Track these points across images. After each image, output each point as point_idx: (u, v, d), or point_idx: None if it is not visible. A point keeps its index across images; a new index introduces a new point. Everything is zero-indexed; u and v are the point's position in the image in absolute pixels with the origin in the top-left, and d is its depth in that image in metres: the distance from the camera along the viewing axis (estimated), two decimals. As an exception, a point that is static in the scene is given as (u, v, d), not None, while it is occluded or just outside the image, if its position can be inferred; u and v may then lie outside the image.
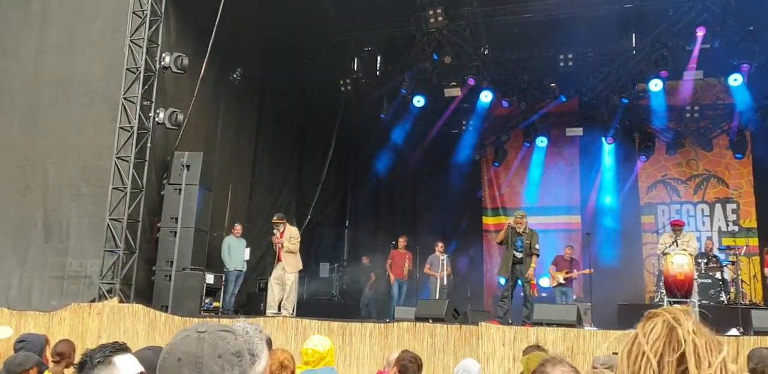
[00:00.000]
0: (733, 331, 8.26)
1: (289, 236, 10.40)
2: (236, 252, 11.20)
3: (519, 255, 9.85)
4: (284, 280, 10.14)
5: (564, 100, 14.03)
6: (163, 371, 1.35)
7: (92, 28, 11.08)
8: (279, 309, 10.00)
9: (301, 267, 10.56)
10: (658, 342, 1.42)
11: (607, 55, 13.02)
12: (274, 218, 10.59)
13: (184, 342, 1.37)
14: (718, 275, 10.93)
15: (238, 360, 1.36)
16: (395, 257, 12.72)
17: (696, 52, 12.01)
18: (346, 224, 16.16)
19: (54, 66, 11.17)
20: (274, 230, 10.53)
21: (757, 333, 7.77)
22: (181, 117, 10.80)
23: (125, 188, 10.08)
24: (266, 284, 10.86)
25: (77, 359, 2.21)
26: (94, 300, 9.53)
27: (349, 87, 14.42)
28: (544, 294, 12.58)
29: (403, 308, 10.32)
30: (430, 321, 8.85)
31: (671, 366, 1.39)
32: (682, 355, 1.39)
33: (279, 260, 10.41)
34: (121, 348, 2.13)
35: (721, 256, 11.57)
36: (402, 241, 12.79)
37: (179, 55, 10.78)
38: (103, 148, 10.45)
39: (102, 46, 10.96)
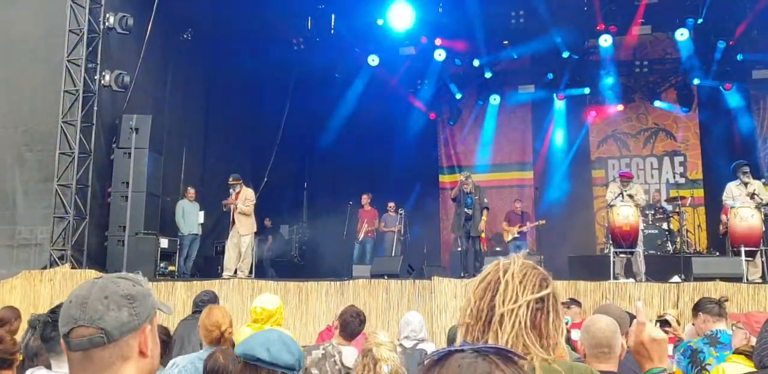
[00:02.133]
0: (675, 278, 8.62)
1: (244, 197, 10.36)
2: (190, 216, 11.16)
3: (469, 212, 10.04)
4: (239, 243, 10.16)
5: (516, 57, 14.08)
6: (61, 314, 1.41)
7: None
8: (235, 272, 10.05)
9: (255, 229, 10.57)
10: (483, 282, 1.67)
11: (557, 12, 13.04)
12: (230, 179, 10.53)
13: (79, 287, 1.44)
14: (664, 225, 11.29)
15: (128, 302, 1.39)
16: (365, 216, 12.69)
17: (642, 7, 12.10)
18: (305, 185, 16.15)
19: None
20: (230, 191, 10.49)
21: (697, 279, 8.13)
22: (128, 79, 10.57)
23: (73, 152, 9.91)
24: (223, 247, 10.88)
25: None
26: (45, 267, 9.45)
27: (302, 46, 14.21)
28: (498, 248, 12.87)
29: (360, 266, 10.49)
30: (386, 277, 9.03)
31: (485, 301, 1.63)
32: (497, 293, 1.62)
33: (233, 222, 10.41)
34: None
35: (668, 207, 11.93)
36: (366, 198, 12.74)
37: (124, 16, 10.49)
38: (44, 111, 10.20)
39: (40, 6, 10.57)
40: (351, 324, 4.40)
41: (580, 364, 2.11)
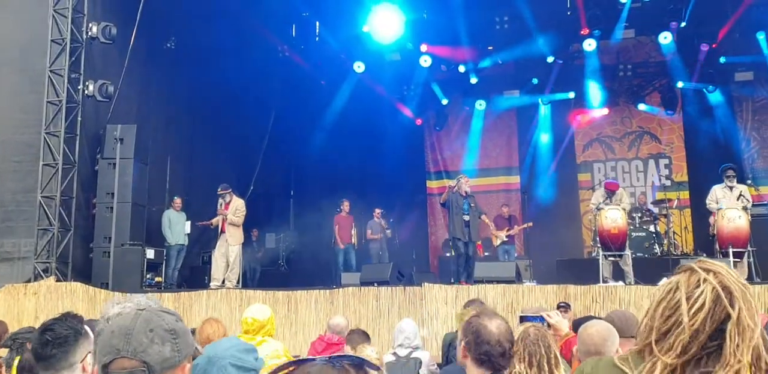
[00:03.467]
0: (663, 280, 8.61)
1: (234, 207, 10.34)
2: (177, 226, 11.06)
3: (467, 218, 10.03)
4: (228, 253, 10.10)
5: (501, 62, 14.12)
6: (101, 343, 1.39)
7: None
8: (223, 282, 9.98)
9: (242, 240, 10.53)
10: (701, 313, 1.39)
11: (541, 17, 13.10)
12: (219, 189, 10.50)
13: (122, 317, 1.42)
14: (651, 228, 11.34)
15: (171, 337, 1.38)
16: (341, 222, 12.72)
17: (626, 12, 12.21)
18: (291, 193, 16.08)
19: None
20: (220, 201, 10.45)
21: (686, 281, 8.14)
22: (111, 89, 10.50)
23: (56, 164, 9.80)
24: (210, 257, 10.81)
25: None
26: (29, 280, 9.32)
27: (287, 53, 14.18)
28: (487, 253, 12.87)
29: (349, 273, 10.43)
30: (375, 284, 8.99)
31: (699, 343, 1.38)
32: (721, 330, 1.37)
33: (222, 231, 10.36)
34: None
35: (654, 210, 11.98)
36: (345, 205, 12.78)
37: (107, 25, 10.42)
38: (23, 122, 10.08)
39: (21, 16, 10.46)
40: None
41: None
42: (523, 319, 3.45)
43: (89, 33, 10.35)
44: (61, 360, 2.25)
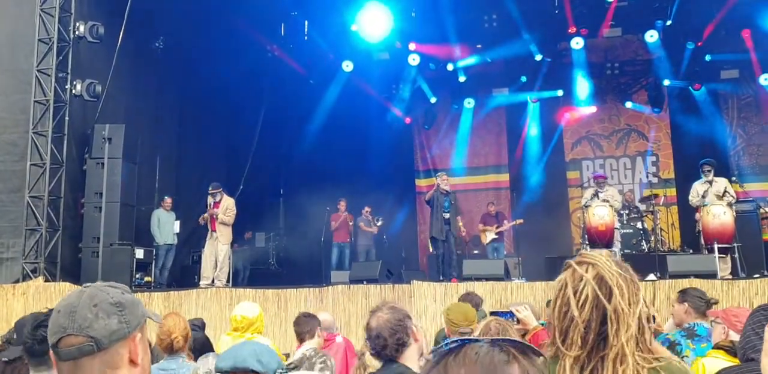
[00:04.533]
0: (651, 276, 8.71)
1: (225, 207, 10.37)
2: (166, 226, 11.05)
3: (447, 216, 10.10)
4: (217, 252, 10.12)
5: (489, 60, 14.17)
6: (50, 323, 1.40)
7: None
8: (213, 281, 9.99)
9: (231, 239, 10.56)
10: (587, 305, 1.52)
11: (529, 15, 13.16)
12: (210, 188, 10.53)
13: (67, 296, 1.43)
14: (639, 225, 11.42)
15: (117, 310, 1.38)
16: (338, 221, 12.72)
17: (612, 10, 12.29)
18: (281, 192, 16.07)
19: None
20: (209, 200, 10.47)
21: (672, 276, 8.24)
22: (99, 88, 10.47)
23: (44, 163, 9.76)
24: (200, 256, 10.81)
25: None
26: (18, 281, 9.28)
27: (276, 52, 14.17)
28: (476, 251, 12.92)
29: (338, 272, 10.47)
30: (365, 282, 9.02)
31: (594, 331, 1.52)
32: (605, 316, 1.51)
33: (213, 230, 10.37)
34: None
35: (642, 207, 12.07)
36: (342, 204, 12.83)
37: (94, 24, 10.39)
38: (10, 121, 10.02)
39: (7, 15, 10.40)
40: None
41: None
42: (493, 314, 3.54)
43: (76, 32, 10.31)
44: None
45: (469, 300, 5.71)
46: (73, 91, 10.23)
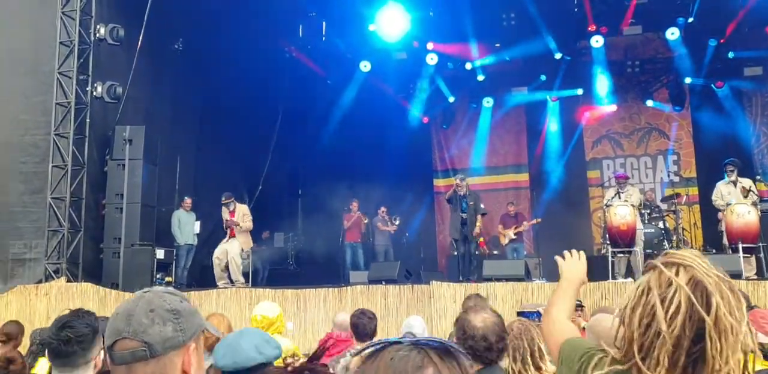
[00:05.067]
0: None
1: (241, 214, 10.48)
2: (186, 226, 11.12)
3: (465, 216, 10.06)
4: (230, 253, 10.21)
5: (508, 59, 14.09)
6: (107, 326, 1.41)
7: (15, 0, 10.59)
8: (231, 281, 10.07)
9: (251, 244, 10.77)
10: (678, 317, 1.26)
11: (548, 13, 13.06)
12: (223, 198, 10.62)
13: (126, 301, 1.44)
14: (660, 224, 11.28)
15: (173, 317, 1.38)
16: (350, 221, 12.76)
17: (632, 7, 12.15)
18: (299, 192, 16.11)
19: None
20: (224, 210, 10.54)
21: (695, 276, 8.10)
22: (120, 90, 10.57)
23: (66, 165, 9.86)
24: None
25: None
26: (40, 281, 9.38)
27: (294, 53, 14.19)
28: (495, 252, 12.85)
29: (357, 272, 10.45)
30: (383, 282, 9.00)
31: (685, 350, 1.26)
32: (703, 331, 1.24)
33: (233, 236, 10.48)
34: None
35: (663, 206, 11.92)
36: (354, 205, 12.85)
37: (115, 27, 10.49)
38: (32, 123, 10.14)
39: (29, 18, 10.52)
40: (360, 324, 4.39)
41: None
42: (519, 315, 3.47)
43: (97, 35, 10.42)
44: (80, 356, 2.28)
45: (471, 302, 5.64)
46: (94, 94, 10.33)
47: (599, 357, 1.44)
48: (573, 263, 2.06)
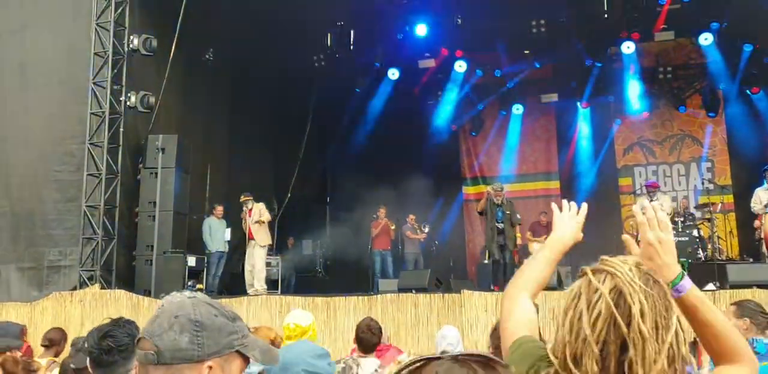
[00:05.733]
0: (710, 286, 8.43)
1: (258, 210, 10.77)
2: (217, 233, 11.22)
3: (500, 226, 9.99)
4: (254, 258, 10.31)
5: (538, 66, 14.00)
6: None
7: (50, 11, 10.81)
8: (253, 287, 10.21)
9: (270, 241, 10.87)
10: (599, 322, 1.27)
11: (578, 20, 12.97)
12: (242, 197, 10.95)
13: (168, 301, 1.39)
14: (695, 232, 11.08)
15: (194, 328, 1.29)
16: (378, 228, 12.72)
17: (664, 13, 12.00)
18: (327, 200, 16.16)
19: (13, 50, 10.93)
20: (243, 209, 10.83)
21: (733, 286, 7.94)
22: (153, 100, 10.72)
23: (100, 174, 10.01)
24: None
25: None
26: (75, 288, 9.52)
27: (323, 62, 14.28)
28: (525, 261, 12.72)
29: (386, 280, 10.42)
30: (414, 291, 8.95)
31: (614, 355, 1.26)
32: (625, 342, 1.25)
33: (251, 238, 10.61)
34: None
35: (697, 214, 11.72)
36: (382, 212, 12.82)
37: (148, 38, 10.65)
38: (67, 133, 10.33)
39: (63, 28, 10.74)
40: (365, 339, 4.41)
41: None
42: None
43: (130, 45, 10.58)
44: (120, 366, 2.29)
45: None
46: (128, 103, 10.49)
47: (545, 372, 1.38)
48: (568, 217, 1.80)
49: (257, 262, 10.36)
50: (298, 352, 2.33)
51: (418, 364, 1.02)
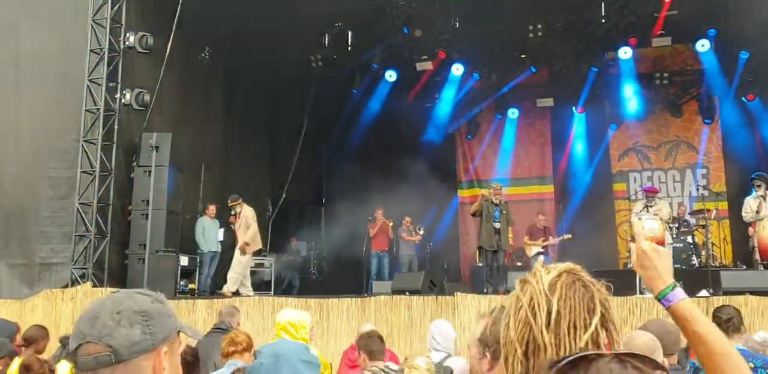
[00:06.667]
0: (703, 292, 8.42)
1: (245, 218, 10.46)
2: (210, 233, 11.16)
3: (497, 226, 9.98)
4: (237, 262, 10.19)
5: (534, 71, 14.01)
6: (73, 329, 1.34)
7: (46, 7, 10.75)
8: (237, 291, 10.09)
9: (260, 246, 10.64)
10: (520, 327, 1.34)
11: (576, 25, 12.99)
12: (229, 200, 10.60)
13: (93, 301, 1.37)
14: (689, 239, 11.10)
15: (142, 319, 1.29)
16: (375, 230, 12.69)
17: (661, 19, 12.03)
18: (322, 201, 16.12)
19: (8, 46, 10.87)
20: (232, 212, 10.56)
21: (726, 293, 7.94)
22: (148, 98, 10.67)
23: (94, 171, 9.95)
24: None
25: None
26: (66, 286, 9.45)
27: (320, 63, 14.25)
28: (519, 264, 12.72)
29: (380, 282, 10.40)
30: (407, 293, 8.92)
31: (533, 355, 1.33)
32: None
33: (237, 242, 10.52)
34: None
35: (692, 220, 11.73)
36: (379, 213, 12.79)
37: (144, 35, 10.62)
38: (61, 130, 10.27)
39: (59, 25, 10.69)
40: (371, 344, 4.34)
41: None
42: None
43: (126, 43, 10.54)
44: None
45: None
46: (123, 101, 10.45)
47: None
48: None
49: (236, 266, 10.11)
50: (291, 346, 2.36)
51: (574, 359, 1.02)
